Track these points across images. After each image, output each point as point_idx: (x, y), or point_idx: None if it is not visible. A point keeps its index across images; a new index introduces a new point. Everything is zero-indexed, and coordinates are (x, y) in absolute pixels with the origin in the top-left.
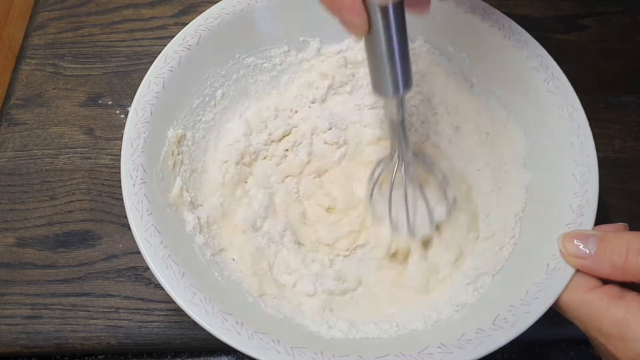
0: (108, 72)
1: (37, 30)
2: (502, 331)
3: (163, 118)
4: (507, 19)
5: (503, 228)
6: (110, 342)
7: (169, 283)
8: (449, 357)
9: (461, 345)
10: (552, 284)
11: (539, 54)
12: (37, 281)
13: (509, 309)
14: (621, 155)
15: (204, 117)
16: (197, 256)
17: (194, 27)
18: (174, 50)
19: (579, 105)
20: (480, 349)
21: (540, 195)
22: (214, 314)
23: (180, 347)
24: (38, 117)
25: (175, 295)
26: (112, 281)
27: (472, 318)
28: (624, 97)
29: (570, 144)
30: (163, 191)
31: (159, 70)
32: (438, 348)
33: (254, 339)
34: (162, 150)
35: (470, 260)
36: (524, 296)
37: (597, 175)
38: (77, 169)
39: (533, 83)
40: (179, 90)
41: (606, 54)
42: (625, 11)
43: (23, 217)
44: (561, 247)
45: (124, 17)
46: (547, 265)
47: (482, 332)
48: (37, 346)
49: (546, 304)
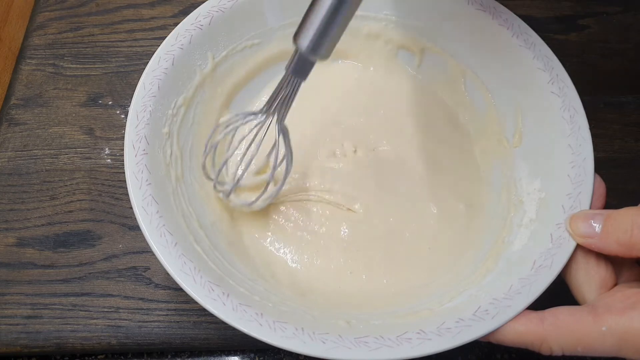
0: (108, 72)
1: (37, 30)
2: (482, 322)
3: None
4: (517, 18)
5: (497, 226)
6: (110, 342)
7: (161, 251)
8: (427, 344)
9: (440, 333)
10: (537, 281)
11: (545, 55)
12: (37, 281)
13: (492, 302)
14: (621, 155)
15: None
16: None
17: (184, 27)
18: (167, 51)
19: (581, 107)
20: (459, 338)
21: (534, 194)
22: (202, 284)
23: (180, 347)
24: (38, 117)
25: (165, 262)
26: (112, 281)
27: (453, 308)
28: (624, 97)
29: (568, 146)
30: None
31: (169, 47)
32: (417, 334)
33: (238, 311)
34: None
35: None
36: (507, 291)
37: (592, 178)
38: (77, 169)
39: (537, 83)
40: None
41: (606, 54)
42: (625, 11)
43: (23, 217)
44: (568, 227)
45: (124, 17)
46: (533, 262)
47: (462, 322)
48: (37, 346)
49: (528, 300)
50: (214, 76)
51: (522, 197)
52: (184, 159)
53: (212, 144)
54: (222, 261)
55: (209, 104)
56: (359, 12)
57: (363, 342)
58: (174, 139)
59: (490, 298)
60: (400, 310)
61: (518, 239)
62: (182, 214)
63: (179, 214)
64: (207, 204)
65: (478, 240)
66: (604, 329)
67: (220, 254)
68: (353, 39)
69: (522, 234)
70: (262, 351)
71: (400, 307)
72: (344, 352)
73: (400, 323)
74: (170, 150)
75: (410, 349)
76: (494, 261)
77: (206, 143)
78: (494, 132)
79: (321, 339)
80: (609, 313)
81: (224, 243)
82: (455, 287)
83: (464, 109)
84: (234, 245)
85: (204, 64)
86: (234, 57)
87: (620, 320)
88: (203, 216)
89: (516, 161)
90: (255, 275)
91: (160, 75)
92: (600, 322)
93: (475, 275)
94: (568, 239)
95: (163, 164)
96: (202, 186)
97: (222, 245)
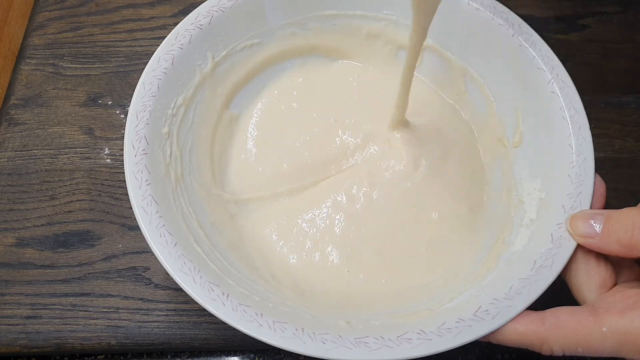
0: (108, 72)
1: (37, 30)
2: (482, 322)
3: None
4: (517, 18)
5: (497, 226)
6: (110, 342)
7: (161, 251)
8: (427, 344)
9: (440, 333)
10: (537, 281)
11: (545, 55)
12: (36, 281)
13: (492, 302)
14: (621, 156)
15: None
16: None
17: (184, 26)
18: (166, 51)
19: (582, 107)
20: (459, 338)
21: (534, 194)
22: (201, 284)
23: (180, 347)
24: (38, 117)
25: (165, 263)
26: (112, 281)
27: (453, 308)
28: (624, 97)
29: (568, 146)
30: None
31: (169, 46)
32: (417, 334)
33: (238, 311)
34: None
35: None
36: (507, 291)
37: (593, 178)
38: (77, 169)
39: (538, 83)
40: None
41: (606, 54)
42: (625, 11)
43: (23, 217)
44: (569, 227)
45: (124, 17)
46: (534, 262)
47: (462, 322)
48: (37, 346)
49: (528, 300)
50: (213, 76)
51: (522, 197)
52: (184, 159)
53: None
54: (222, 261)
55: (209, 104)
56: (358, 12)
57: (363, 343)
58: (173, 139)
59: (490, 298)
60: (400, 310)
61: (518, 239)
62: (182, 214)
63: (178, 214)
64: (207, 204)
65: (478, 240)
66: (604, 329)
67: (220, 254)
68: (353, 39)
69: (522, 234)
70: (262, 351)
71: (400, 307)
72: (344, 352)
73: (400, 323)
74: (170, 150)
75: (410, 349)
76: (494, 261)
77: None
78: (494, 132)
79: (321, 339)
80: (609, 313)
81: (224, 243)
82: (455, 288)
83: (464, 109)
84: (234, 245)
85: (204, 63)
86: (233, 57)
87: (620, 321)
88: (203, 216)
89: (516, 161)
90: (255, 275)
91: (160, 75)
92: (600, 322)
93: (476, 275)
94: (568, 239)
95: (163, 164)
96: (202, 186)
97: (222, 245)
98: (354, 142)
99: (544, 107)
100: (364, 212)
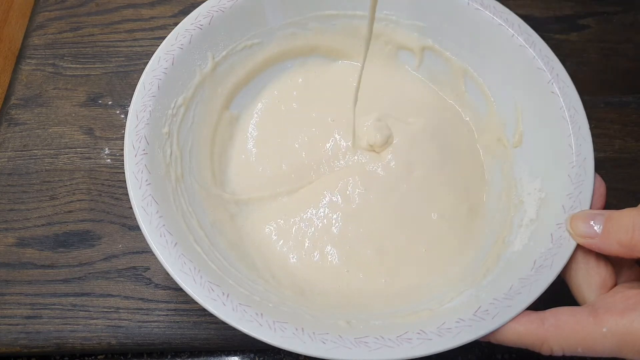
0: (108, 72)
1: (37, 30)
2: (482, 322)
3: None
4: (517, 18)
5: (497, 226)
6: (110, 342)
7: (161, 251)
8: (427, 344)
9: (440, 333)
10: (537, 281)
11: (545, 55)
12: (37, 281)
13: (492, 302)
14: (621, 155)
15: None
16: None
17: (184, 26)
18: (166, 51)
19: (581, 107)
20: (459, 338)
21: (534, 194)
22: (201, 284)
23: (180, 347)
24: (38, 117)
25: (165, 263)
26: (112, 281)
27: (453, 308)
28: (624, 97)
29: (568, 146)
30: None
31: (169, 46)
32: (417, 334)
33: (238, 311)
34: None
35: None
36: (507, 291)
37: (593, 178)
38: (77, 169)
39: (538, 83)
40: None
41: (606, 54)
42: (625, 11)
43: (23, 217)
44: (569, 227)
45: (124, 17)
46: (534, 262)
47: (462, 322)
48: (37, 346)
49: (528, 300)
50: (214, 76)
51: (522, 197)
52: (184, 159)
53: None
54: (222, 261)
55: (209, 104)
56: (358, 12)
57: (363, 342)
58: (173, 139)
59: (490, 298)
60: (400, 310)
61: (518, 239)
62: (182, 214)
63: (178, 214)
64: (207, 204)
65: (478, 240)
66: (604, 330)
67: (220, 254)
68: (353, 39)
69: (522, 234)
70: (262, 351)
71: (400, 307)
72: (344, 352)
73: (400, 323)
74: (170, 150)
75: (410, 349)
76: (494, 261)
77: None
78: (494, 132)
79: (321, 339)
80: (609, 314)
81: (223, 243)
82: (455, 287)
83: (465, 109)
84: (233, 245)
85: (204, 63)
86: (233, 57)
87: (620, 322)
88: (203, 216)
89: (516, 161)
90: (255, 275)
91: (160, 75)
92: (600, 323)
93: (476, 275)
94: (568, 239)
95: (163, 164)
96: (202, 186)
97: (222, 245)
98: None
99: (543, 107)
100: (361, 212)
